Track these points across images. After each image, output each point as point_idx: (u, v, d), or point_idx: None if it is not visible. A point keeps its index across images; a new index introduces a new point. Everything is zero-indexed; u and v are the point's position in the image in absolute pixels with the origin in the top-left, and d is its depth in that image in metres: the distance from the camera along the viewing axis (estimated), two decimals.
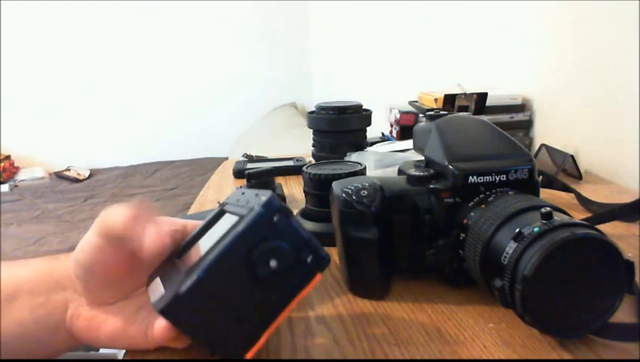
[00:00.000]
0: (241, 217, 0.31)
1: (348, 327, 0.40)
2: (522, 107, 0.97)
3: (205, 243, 0.34)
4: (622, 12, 0.76)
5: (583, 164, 0.81)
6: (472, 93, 0.92)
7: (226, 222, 0.34)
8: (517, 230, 0.35)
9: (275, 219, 0.30)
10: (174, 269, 0.33)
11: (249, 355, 0.31)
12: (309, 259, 0.31)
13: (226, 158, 1.77)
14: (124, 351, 0.38)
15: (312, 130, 0.80)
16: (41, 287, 0.37)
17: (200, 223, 0.37)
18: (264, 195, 0.31)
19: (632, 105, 0.74)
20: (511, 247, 0.35)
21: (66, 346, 0.38)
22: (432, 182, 0.43)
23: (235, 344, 0.31)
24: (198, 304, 0.29)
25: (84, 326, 0.37)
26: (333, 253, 0.53)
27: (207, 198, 0.80)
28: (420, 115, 0.98)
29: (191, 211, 0.72)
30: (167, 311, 0.29)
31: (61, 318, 0.37)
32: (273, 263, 0.29)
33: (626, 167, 0.76)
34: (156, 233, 0.33)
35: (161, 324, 0.31)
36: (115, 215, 0.33)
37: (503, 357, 0.35)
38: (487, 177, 0.42)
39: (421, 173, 0.44)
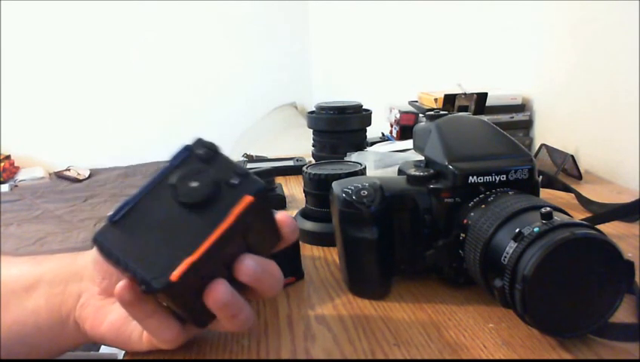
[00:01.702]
0: None
1: (348, 327, 0.40)
2: (522, 107, 0.97)
3: None
4: (622, 12, 0.76)
5: (583, 164, 0.81)
6: (472, 93, 0.92)
7: None
8: (517, 230, 0.35)
9: (200, 151, 0.31)
10: None
11: (173, 276, 0.29)
12: (236, 182, 0.31)
13: None
14: (124, 351, 0.38)
15: (312, 130, 0.80)
16: (61, 278, 0.38)
17: None
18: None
19: (632, 105, 0.74)
20: (511, 247, 0.35)
21: (72, 341, 0.38)
22: (432, 182, 0.43)
23: (161, 267, 0.29)
24: (129, 230, 0.30)
25: (90, 315, 0.37)
26: (333, 253, 0.53)
27: None
28: (420, 115, 0.98)
29: None
30: (99, 237, 0.30)
31: (72, 307, 0.37)
32: (194, 183, 0.30)
33: (626, 167, 0.76)
34: None
35: (120, 283, 0.31)
36: None
37: (503, 357, 0.35)
38: (487, 177, 0.42)
39: (421, 173, 0.44)
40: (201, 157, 0.31)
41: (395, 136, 1.02)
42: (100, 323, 0.36)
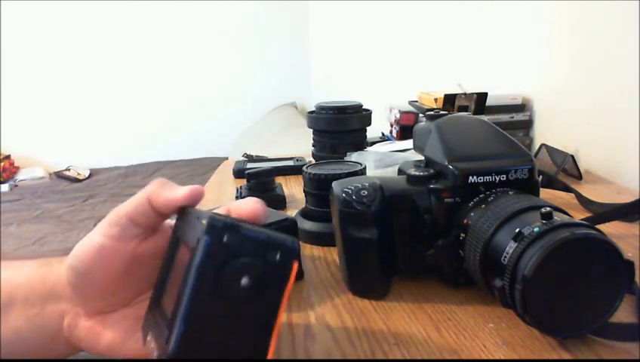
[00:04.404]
0: (192, 250, 0.28)
1: (348, 327, 0.40)
2: (522, 107, 0.97)
3: (174, 282, 0.32)
4: (622, 12, 0.76)
5: (583, 164, 0.81)
6: (472, 93, 0.92)
7: (183, 254, 0.31)
8: (517, 230, 0.35)
9: (225, 238, 0.28)
10: (158, 318, 0.32)
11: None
12: (277, 257, 0.29)
13: (226, 158, 1.77)
14: None
15: (312, 130, 0.80)
16: (35, 296, 0.36)
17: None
18: (204, 218, 0.28)
19: (632, 105, 0.74)
20: (511, 247, 0.35)
21: (68, 352, 0.38)
22: (432, 181, 0.43)
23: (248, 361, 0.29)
24: (193, 350, 0.28)
25: (82, 336, 0.36)
26: (333, 253, 0.53)
27: (207, 198, 0.79)
28: (420, 115, 0.98)
29: None
30: None
31: (58, 328, 0.36)
32: (245, 280, 0.28)
33: (626, 167, 0.76)
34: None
35: None
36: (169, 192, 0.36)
37: (503, 357, 0.35)
38: (487, 177, 0.42)
39: (421, 173, 0.44)
40: (227, 244, 0.28)
41: (395, 136, 1.02)
42: (95, 344, 0.35)
